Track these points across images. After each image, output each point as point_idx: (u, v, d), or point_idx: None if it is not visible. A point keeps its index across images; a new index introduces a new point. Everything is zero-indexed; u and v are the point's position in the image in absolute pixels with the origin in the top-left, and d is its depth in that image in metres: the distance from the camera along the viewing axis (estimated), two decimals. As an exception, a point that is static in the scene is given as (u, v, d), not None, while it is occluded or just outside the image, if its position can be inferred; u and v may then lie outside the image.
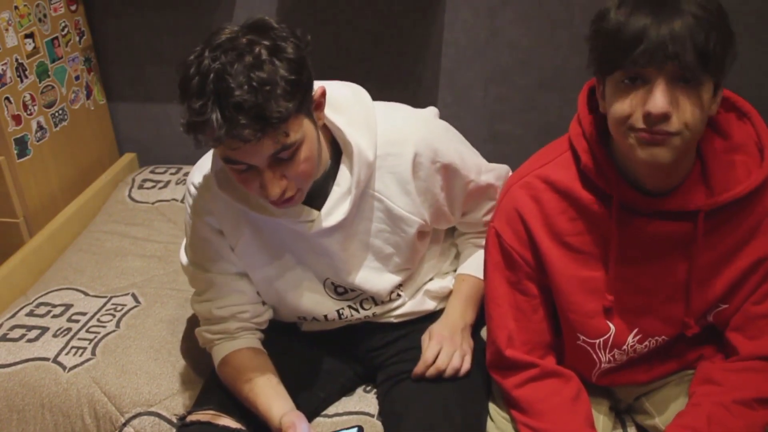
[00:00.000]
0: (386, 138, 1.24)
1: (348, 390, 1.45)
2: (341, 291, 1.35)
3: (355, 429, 1.17)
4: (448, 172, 1.30)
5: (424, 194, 1.29)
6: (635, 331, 1.22)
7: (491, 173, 1.38)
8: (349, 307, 1.37)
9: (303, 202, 1.20)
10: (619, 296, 1.20)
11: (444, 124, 1.38)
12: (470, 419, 1.28)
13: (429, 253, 1.41)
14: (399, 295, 1.38)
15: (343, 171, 1.22)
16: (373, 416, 1.38)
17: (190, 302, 1.37)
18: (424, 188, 1.28)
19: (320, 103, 1.16)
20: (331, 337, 1.44)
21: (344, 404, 1.42)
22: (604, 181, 1.13)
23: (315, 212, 1.22)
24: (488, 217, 1.39)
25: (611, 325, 1.21)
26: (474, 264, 1.42)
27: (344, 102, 1.23)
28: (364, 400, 1.43)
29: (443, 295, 1.43)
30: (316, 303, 1.35)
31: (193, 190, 1.30)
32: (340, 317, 1.38)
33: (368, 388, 1.46)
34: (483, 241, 1.35)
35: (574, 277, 1.20)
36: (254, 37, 1.04)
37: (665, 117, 0.99)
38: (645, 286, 1.20)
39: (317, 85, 1.15)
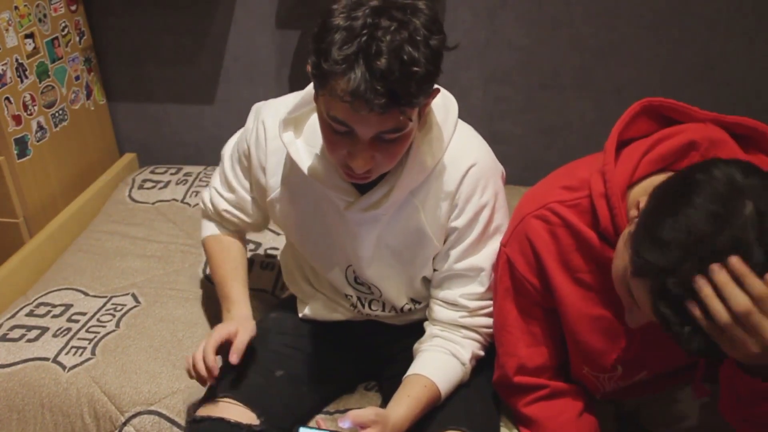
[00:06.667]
0: (451, 153, 1.21)
1: (349, 388, 1.46)
2: (360, 281, 1.35)
3: None
4: (477, 213, 1.24)
5: (450, 215, 1.24)
6: (644, 372, 1.21)
7: (496, 253, 1.27)
8: (359, 298, 1.38)
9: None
10: (632, 348, 1.16)
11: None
12: (479, 417, 1.27)
13: None
14: (411, 310, 1.38)
15: (398, 170, 1.19)
16: (373, 415, 1.38)
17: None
18: (452, 209, 1.24)
19: (428, 103, 1.13)
20: (334, 332, 1.44)
21: (345, 402, 1.43)
22: None
23: (357, 194, 1.21)
24: (467, 303, 1.28)
25: (619, 368, 1.19)
26: (440, 370, 1.25)
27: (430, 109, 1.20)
28: (365, 398, 1.44)
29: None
30: (335, 278, 1.36)
31: (269, 123, 1.28)
32: (347, 282, 1.36)
33: (369, 386, 1.47)
34: (457, 349, 1.27)
35: (585, 315, 1.16)
36: (410, 12, 1.01)
37: None
38: (660, 342, 1.14)
39: None
